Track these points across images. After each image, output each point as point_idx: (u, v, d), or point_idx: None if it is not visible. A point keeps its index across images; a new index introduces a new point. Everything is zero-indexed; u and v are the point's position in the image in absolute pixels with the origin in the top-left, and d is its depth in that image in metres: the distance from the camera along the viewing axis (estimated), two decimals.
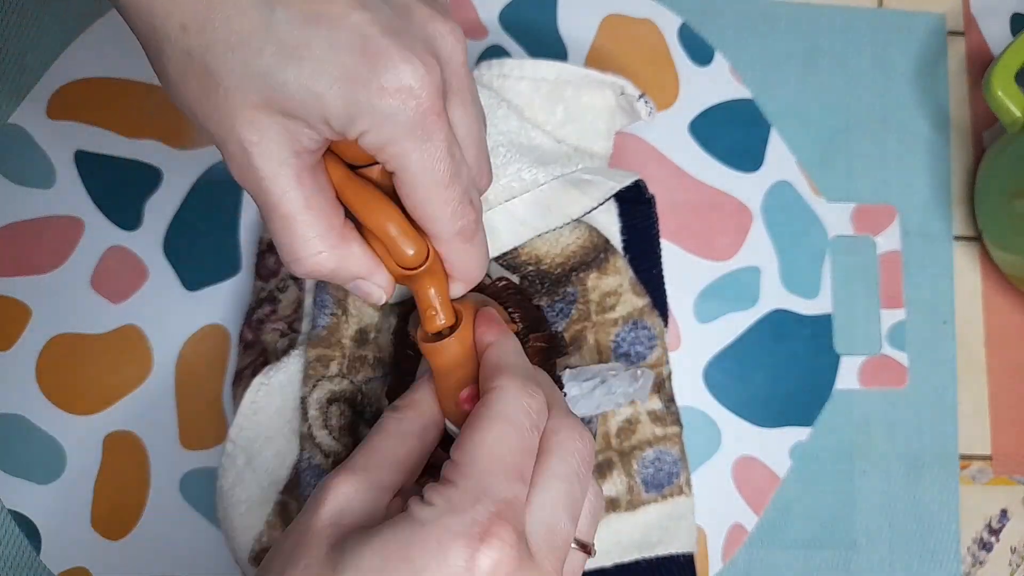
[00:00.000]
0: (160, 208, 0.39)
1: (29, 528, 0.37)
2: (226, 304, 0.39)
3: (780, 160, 0.43)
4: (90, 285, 0.39)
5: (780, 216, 0.43)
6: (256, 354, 0.36)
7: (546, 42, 0.43)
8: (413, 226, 0.25)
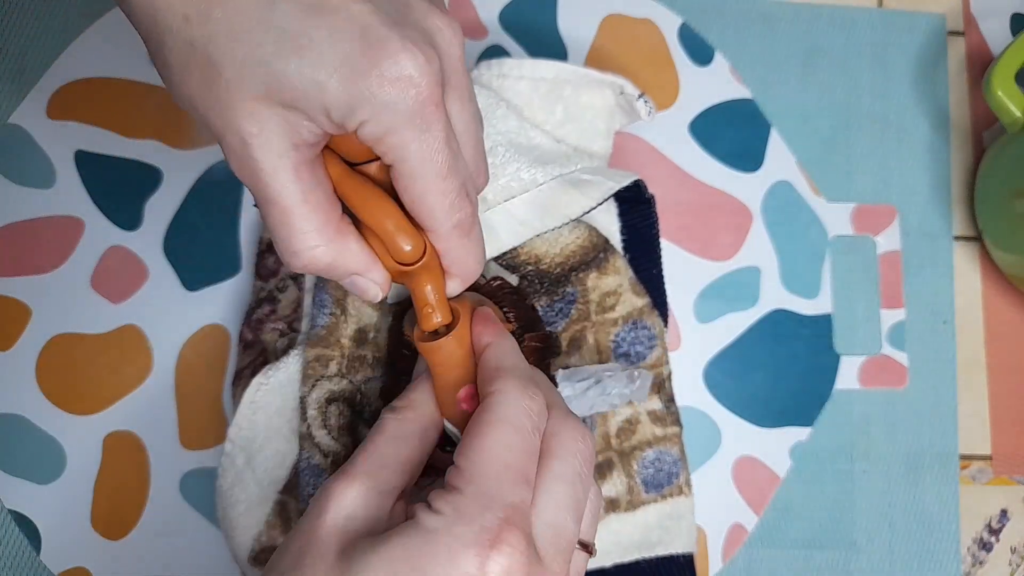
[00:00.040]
0: (160, 208, 0.39)
1: (29, 528, 0.37)
2: (226, 304, 0.39)
3: (780, 160, 0.43)
4: (90, 285, 0.39)
5: (780, 216, 0.43)
6: (256, 354, 0.36)
7: (546, 42, 0.43)
8: (410, 222, 0.25)
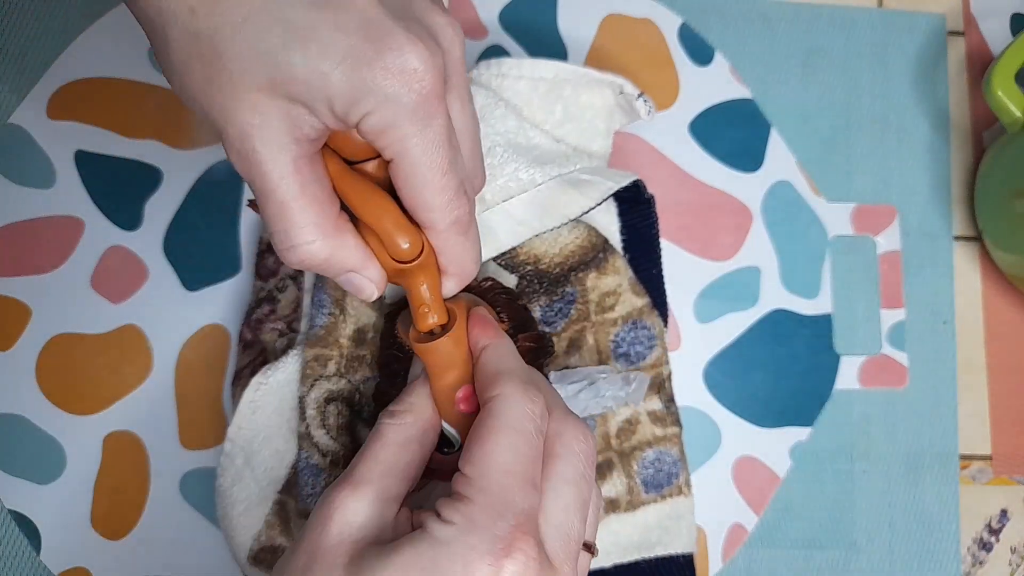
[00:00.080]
0: (160, 208, 0.39)
1: (29, 528, 0.37)
2: (226, 304, 0.39)
3: (780, 160, 0.43)
4: (90, 285, 0.39)
5: (780, 216, 0.43)
6: (255, 354, 0.36)
7: (546, 42, 0.43)
8: (408, 220, 0.25)
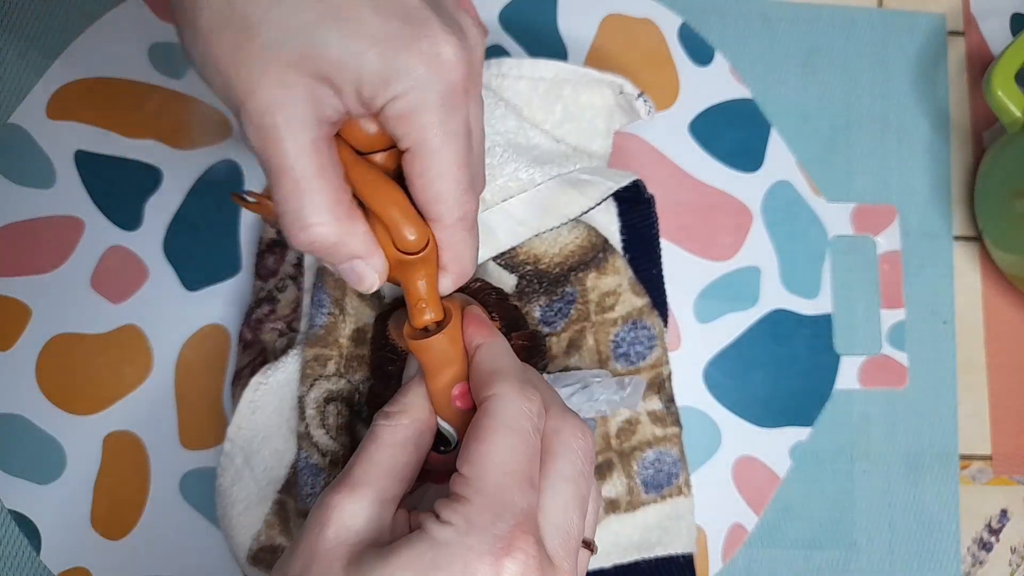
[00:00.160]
0: (160, 208, 0.39)
1: (29, 528, 0.37)
2: (226, 304, 0.39)
3: (780, 160, 0.43)
4: (90, 285, 0.39)
5: (780, 216, 0.43)
6: (255, 354, 0.36)
7: (546, 42, 0.43)
8: (416, 212, 0.26)
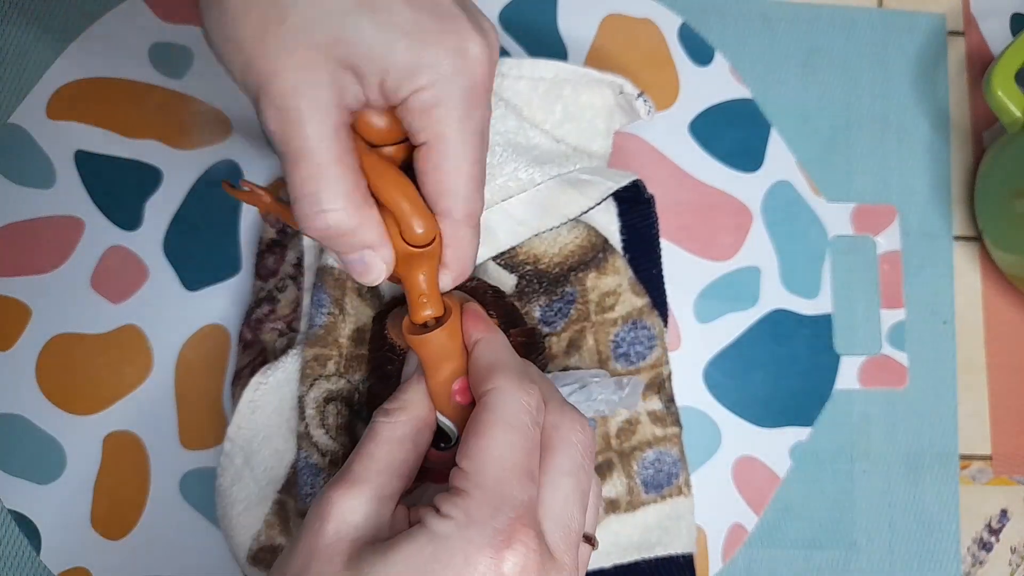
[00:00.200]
0: (160, 208, 0.39)
1: (29, 528, 0.37)
2: (226, 304, 0.39)
3: (780, 160, 0.43)
4: (90, 285, 0.39)
5: (780, 216, 0.43)
6: (255, 353, 0.36)
7: (546, 42, 0.43)
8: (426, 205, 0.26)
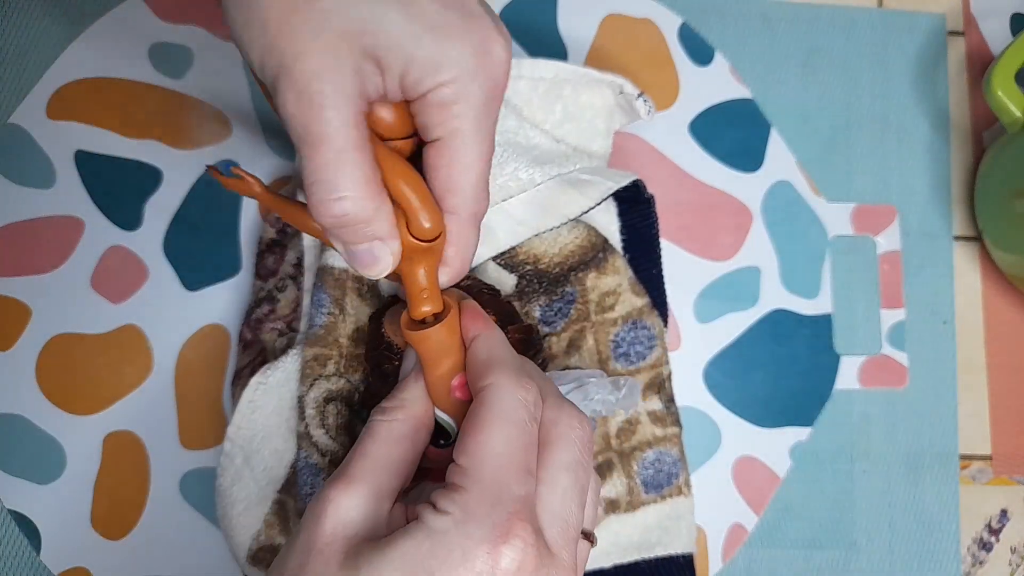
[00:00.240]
0: (160, 208, 0.39)
1: (29, 528, 0.37)
2: (226, 304, 0.39)
3: (780, 160, 0.43)
4: (90, 285, 0.39)
5: (780, 216, 0.43)
6: (255, 353, 0.36)
7: (546, 42, 0.43)
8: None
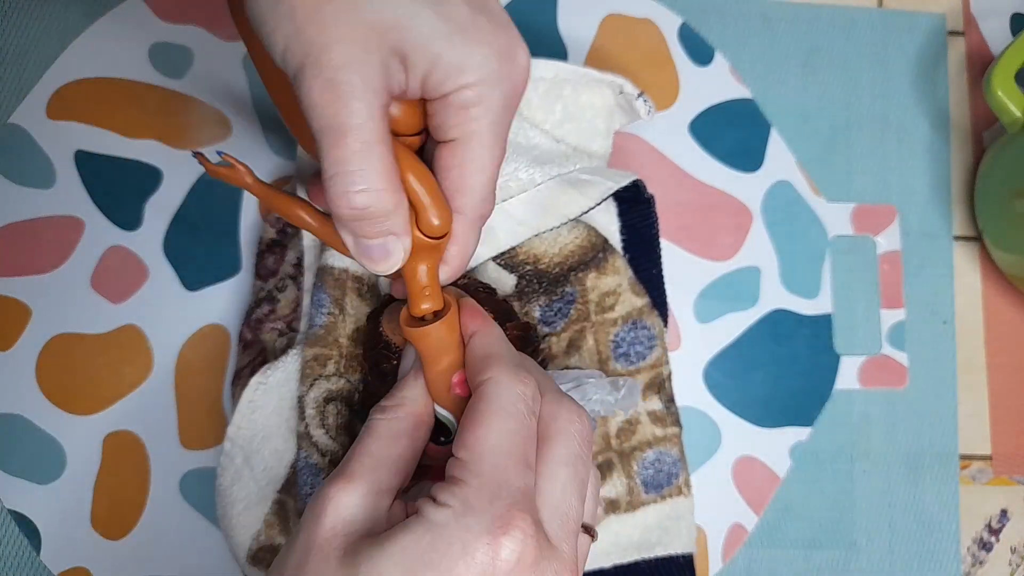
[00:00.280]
0: (160, 208, 0.39)
1: (29, 528, 0.37)
2: (226, 304, 0.39)
3: (780, 160, 0.43)
4: (90, 285, 0.39)
5: (780, 216, 0.43)
6: (255, 353, 0.36)
7: (546, 42, 0.43)
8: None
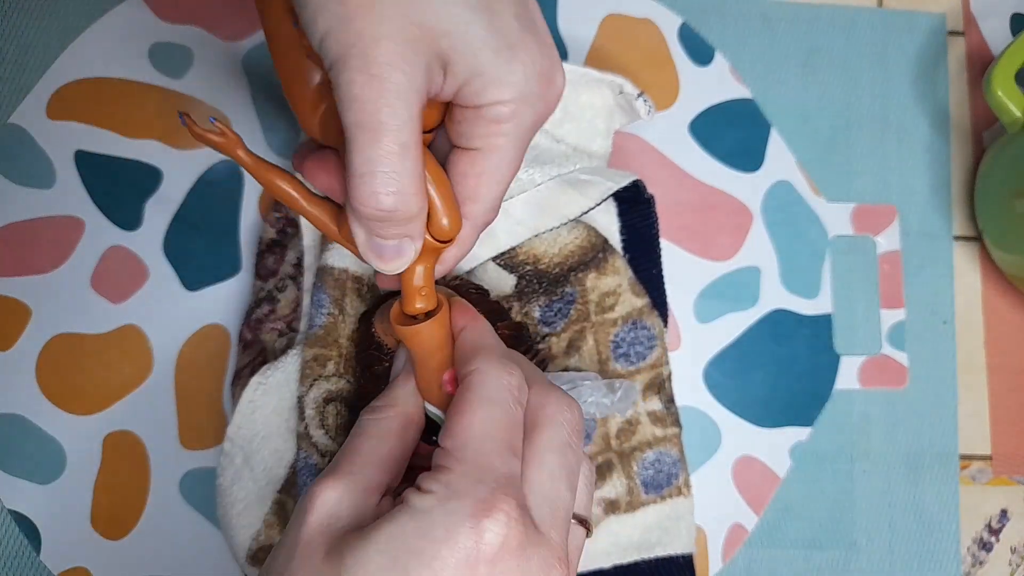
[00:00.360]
0: (160, 208, 0.39)
1: (29, 528, 0.37)
2: (226, 304, 0.39)
3: (780, 160, 0.43)
4: (90, 285, 0.39)
5: (780, 216, 0.43)
6: (255, 354, 0.36)
7: None
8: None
